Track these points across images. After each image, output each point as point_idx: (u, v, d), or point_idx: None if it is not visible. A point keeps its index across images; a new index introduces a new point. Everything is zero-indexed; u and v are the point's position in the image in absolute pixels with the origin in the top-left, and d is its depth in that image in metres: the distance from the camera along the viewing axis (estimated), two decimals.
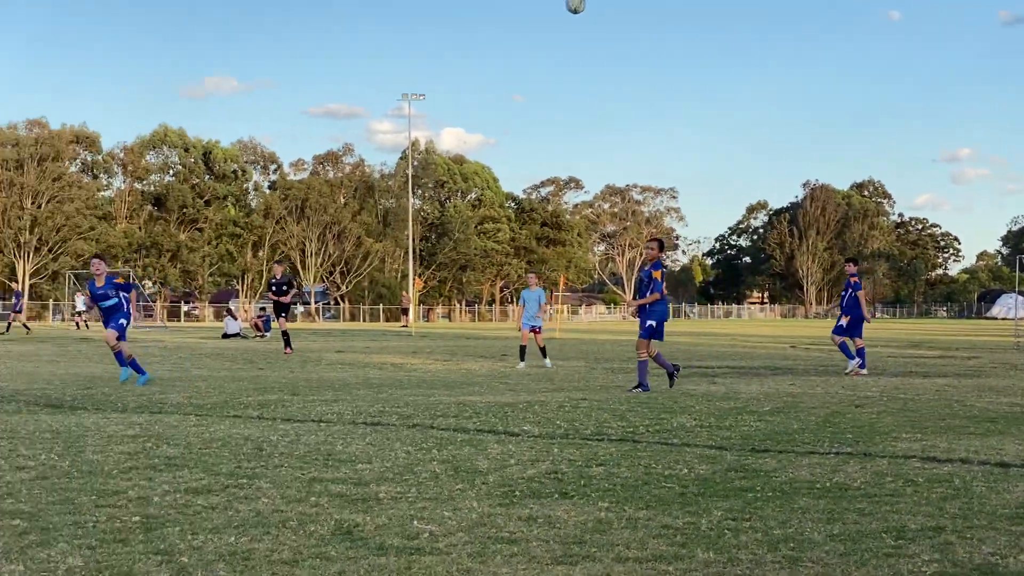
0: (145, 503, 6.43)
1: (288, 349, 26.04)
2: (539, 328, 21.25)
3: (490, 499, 6.70)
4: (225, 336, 39.93)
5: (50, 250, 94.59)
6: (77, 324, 54.68)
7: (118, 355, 16.77)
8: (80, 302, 59.21)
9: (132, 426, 10.25)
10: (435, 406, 12.69)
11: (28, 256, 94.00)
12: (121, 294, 16.89)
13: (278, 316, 27.25)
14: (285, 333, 26.58)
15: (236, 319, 42.87)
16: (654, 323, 14.89)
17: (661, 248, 15.63)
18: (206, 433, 9.76)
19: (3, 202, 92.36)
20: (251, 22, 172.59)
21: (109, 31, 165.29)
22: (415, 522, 6.01)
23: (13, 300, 53.29)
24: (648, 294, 14.96)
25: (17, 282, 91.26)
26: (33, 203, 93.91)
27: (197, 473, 7.52)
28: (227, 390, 14.97)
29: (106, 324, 16.87)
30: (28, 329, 46.62)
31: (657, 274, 14.92)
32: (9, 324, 47.67)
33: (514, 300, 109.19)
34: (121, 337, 16.59)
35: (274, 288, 27.09)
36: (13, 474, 7.39)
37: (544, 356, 21.48)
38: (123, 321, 16.68)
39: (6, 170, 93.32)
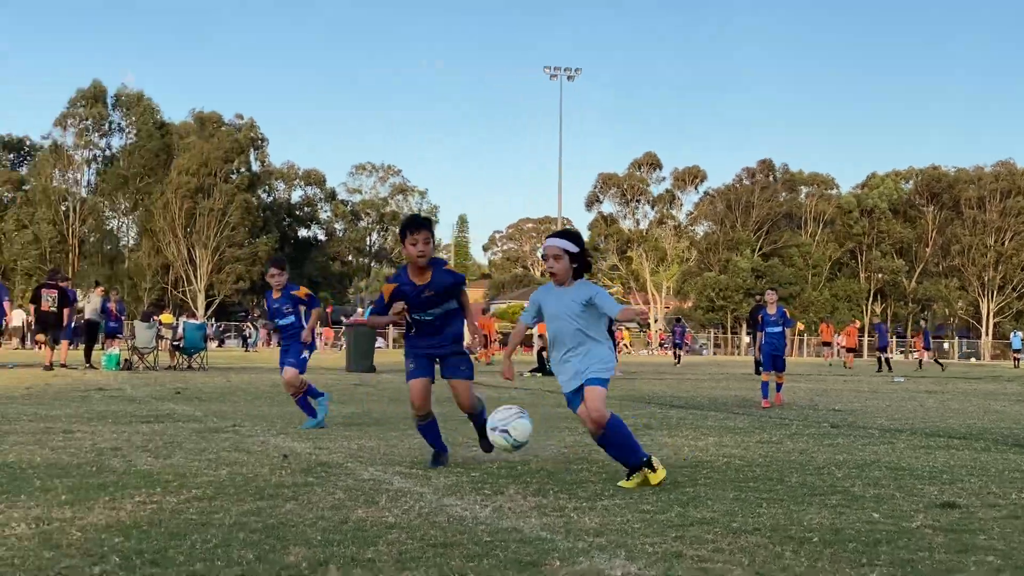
0: None
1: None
2: None
3: None
4: None
5: (1014, 288, 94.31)
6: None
7: (301, 401, 12.87)
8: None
9: None
10: None
11: (991, 295, 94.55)
12: (301, 310, 12.90)
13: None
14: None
15: None
16: None
17: None
18: None
19: (968, 240, 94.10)
20: None
21: None
22: None
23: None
24: None
25: (980, 321, 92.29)
26: (996, 240, 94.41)
27: None
28: None
29: (282, 357, 12.96)
30: (942, 367, 47.42)
31: None
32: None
33: None
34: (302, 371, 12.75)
35: None
36: (985, 511, 7.41)
37: None
38: (305, 354, 12.85)
39: (970, 208, 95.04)
